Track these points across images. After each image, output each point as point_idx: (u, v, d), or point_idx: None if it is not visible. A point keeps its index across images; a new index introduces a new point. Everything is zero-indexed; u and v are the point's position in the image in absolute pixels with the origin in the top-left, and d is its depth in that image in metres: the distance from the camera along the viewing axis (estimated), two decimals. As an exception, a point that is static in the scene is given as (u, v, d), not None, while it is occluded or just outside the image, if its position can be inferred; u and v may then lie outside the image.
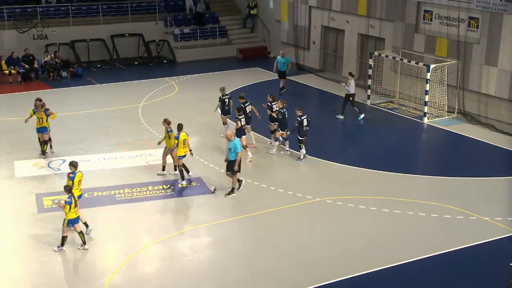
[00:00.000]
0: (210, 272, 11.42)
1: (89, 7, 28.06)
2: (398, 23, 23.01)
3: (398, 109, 21.79)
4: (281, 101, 17.36)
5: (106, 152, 16.89)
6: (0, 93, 22.68)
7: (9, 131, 18.54)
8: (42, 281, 11.01)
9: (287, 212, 13.80)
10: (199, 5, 29.99)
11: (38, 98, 16.58)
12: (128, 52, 27.92)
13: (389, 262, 11.74)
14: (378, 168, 16.25)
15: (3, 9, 25.88)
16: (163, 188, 14.91)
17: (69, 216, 11.70)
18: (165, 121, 15.32)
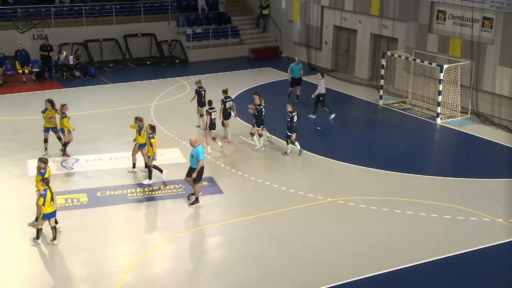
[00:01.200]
0: (221, 272, 11.41)
1: (102, 7, 28.22)
2: (411, 23, 22.86)
3: (411, 109, 21.65)
4: (259, 98, 17.42)
5: (118, 152, 16.95)
6: (14, 92, 22.85)
7: (23, 130, 18.69)
8: (54, 279, 11.07)
9: (298, 212, 13.76)
10: (221, 4, 30.08)
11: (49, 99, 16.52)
12: (140, 52, 28.04)
13: (401, 264, 11.66)
14: (390, 168, 16.15)
15: (17, 9, 26.10)
16: (174, 187, 14.93)
17: (45, 210, 11.79)
18: (136, 119, 15.33)
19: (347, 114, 22.04)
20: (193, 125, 19.24)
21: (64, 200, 14.03)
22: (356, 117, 21.99)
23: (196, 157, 13.63)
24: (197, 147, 13.69)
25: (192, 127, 19.14)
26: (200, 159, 13.56)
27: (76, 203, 13.97)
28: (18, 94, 22.77)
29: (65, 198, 14.11)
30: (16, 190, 14.60)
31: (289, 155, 16.87)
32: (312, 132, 19.43)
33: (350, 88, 24.43)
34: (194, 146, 13.72)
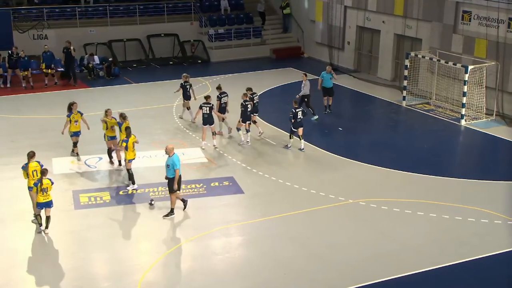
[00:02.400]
0: (242, 272, 11.44)
1: (126, 7, 28.52)
2: (436, 24, 22.62)
3: (435, 110, 21.43)
4: (244, 94, 17.65)
5: (140, 151, 17.07)
6: (39, 91, 23.21)
7: (48, 129, 18.98)
8: (78, 276, 11.23)
9: (319, 213, 13.72)
10: (260, 5, 30.07)
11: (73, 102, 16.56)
12: (163, 52, 28.26)
13: (423, 266, 11.55)
14: (413, 170, 16.01)
15: (42, 9, 26.53)
16: (195, 187, 15.02)
17: (37, 199, 12.39)
18: (121, 116, 15.53)
19: (370, 115, 21.91)
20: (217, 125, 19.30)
21: (88, 198, 14.23)
22: (378, 118, 21.84)
23: (172, 166, 13.00)
24: (172, 156, 13.05)
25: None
26: (177, 168, 13.00)
27: (99, 201, 14.15)
28: (44, 93, 23.12)
29: (88, 197, 14.31)
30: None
31: (289, 149, 17.25)
32: (334, 133, 19.36)
33: (373, 88, 24.27)
34: (170, 155, 13.07)
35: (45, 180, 12.43)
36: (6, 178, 15.19)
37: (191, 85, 19.59)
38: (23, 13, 25.71)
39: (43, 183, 12.39)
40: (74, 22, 26.96)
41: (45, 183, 12.41)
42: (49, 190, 12.51)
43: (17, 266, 11.55)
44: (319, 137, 18.69)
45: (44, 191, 12.42)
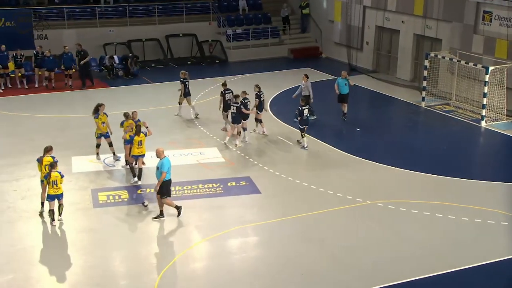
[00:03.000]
0: (259, 272, 11.47)
1: (146, 7, 28.75)
2: (456, 24, 22.41)
3: (454, 111, 21.23)
4: (243, 92, 17.78)
5: (158, 150, 17.22)
6: (60, 90, 23.47)
7: (68, 128, 19.22)
8: (96, 273, 11.36)
9: (336, 214, 13.69)
10: (284, 9, 29.82)
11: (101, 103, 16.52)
12: (181, 52, 28.44)
13: (441, 269, 11.46)
14: (432, 172, 15.88)
15: (63, 9, 26.87)
16: (212, 186, 15.09)
17: (48, 192, 12.81)
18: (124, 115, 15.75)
19: (388, 115, 21.79)
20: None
21: (106, 197, 14.39)
22: (397, 119, 21.71)
23: (160, 169, 12.90)
24: (162, 159, 12.91)
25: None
26: (163, 171, 12.78)
27: (118, 200, 14.30)
28: (65, 92, 23.39)
29: (107, 195, 14.47)
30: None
31: (306, 149, 17.33)
32: (352, 134, 19.29)
33: (392, 89, 24.13)
34: (160, 157, 12.95)
35: (54, 173, 12.71)
36: (26, 176, 15.42)
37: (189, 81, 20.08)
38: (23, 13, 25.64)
39: (51, 176, 12.70)
40: (94, 22, 27.25)
41: (54, 176, 12.69)
42: (59, 183, 12.79)
43: (36, 263, 11.72)
44: (337, 138, 18.64)
45: (53, 183, 12.72)
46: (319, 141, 18.09)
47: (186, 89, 19.81)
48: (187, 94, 19.85)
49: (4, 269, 11.35)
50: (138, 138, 14.88)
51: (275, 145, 17.94)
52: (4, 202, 14.04)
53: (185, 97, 19.89)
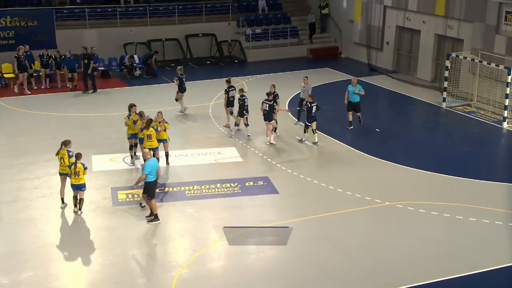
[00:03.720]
0: (275, 272, 11.45)
1: (166, 7, 28.91)
2: (478, 24, 22.12)
3: (476, 112, 20.95)
4: (240, 89, 18.28)
5: (177, 149, 17.32)
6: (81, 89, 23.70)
7: (89, 127, 19.41)
8: (114, 271, 11.45)
9: (354, 215, 13.60)
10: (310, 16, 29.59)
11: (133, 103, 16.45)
12: (201, 52, 28.53)
13: (460, 271, 11.32)
14: (453, 173, 15.70)
15: (84, 9, 27.16)
16: (230, 186, 15.11)
17: (70, 181, 13.35)
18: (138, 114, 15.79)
19: (408, 116, 21.59)
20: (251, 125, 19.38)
21: (125, 195, 14.50)
22: (417, 119, 21.51)
23: (142, 170, 13.08)
24: (147, 160, 12.95)
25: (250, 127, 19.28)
26: (143, 172, 12.85)
27: (137, 198, 14.38)
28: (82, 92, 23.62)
29: (126, 194, 14.58)
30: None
31: (303, 143, 17.53)
32: (371, 134, 19.15)
33: (412, 89, 23.91)
34: (145, 158, 13.04)
35: (79, 164, 13.20)
36: (47, 174, 15.62)
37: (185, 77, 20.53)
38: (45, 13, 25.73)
39: (77, 167, 13.15)
40: (115, 22, 27.49)
41: (78, 167, 13.20)
42: (81, 173, 13.23)
43: (56, 260, 11.86)
44: (356, 138, 18.52)
45: (76, 174, 13.18)
46: (338, 142, 17.99)
47: (183, 85, 20.24)
48: (183, 90, 20.32)
49: (24, 266, 11.51)
50: (147, 132, 15.15)
51: (293, 145, 17.89)
52: (25, 200, 14.23)
53: (181, 93, 20.37)
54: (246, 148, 17.64)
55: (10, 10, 25.58)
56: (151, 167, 12.93)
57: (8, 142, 17.92)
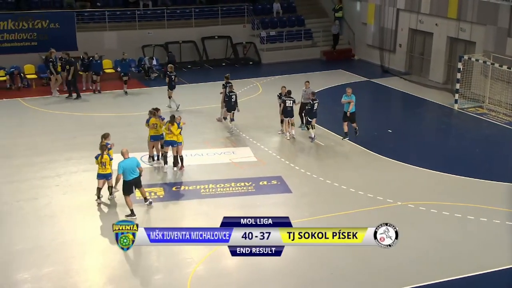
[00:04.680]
0: (287, 270, 11.42)
1: (183, 10, 29.00)
2: (490, 27, 21.87)
3: (488, 114, 20.72)
4: (230, 86, 18.74)
5: (193, 149, 17.37)
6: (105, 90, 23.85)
7: (108, 127, 19.48)
8: (131, 267, 11.52)
9: (366, 214, 13.52)
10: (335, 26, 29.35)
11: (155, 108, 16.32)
12: (216, 54, 28.57)
13: (472, 271, 11.20)
14: (464, 174, 15.54)
15: (104, 12, 27.35)
16: (244, 185, 15.11)
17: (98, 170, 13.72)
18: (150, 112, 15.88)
19: (420, 117, 21.42)
20: (265, 125, 19.39)
21: (142, 193, 14.57)
22: (429, 120, 21.33)
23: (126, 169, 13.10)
24: (125, 159, 13.13)
25: (264, 128, 19.30)
26: (119, 173, 13.08)
27: (154, 196, 14.46)
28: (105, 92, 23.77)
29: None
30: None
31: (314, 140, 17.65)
32: (384, 135, 19.03)
33: (424, 91, 23.71)
34: (124, 157, 13.20)
35: (105, 156, 13.58)
36: (68, 172, 15.76)
37: (176, 76, 21.12)
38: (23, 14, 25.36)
39: (103, 157, 13.56)
40: (134, 25, 27.65)
41: (104, 158, 13.61)
42: (108, 164, 13.58)
43: (76, 256, 11.96)
44: (368, 139, 18.41)
45: (103, 164, 13.60)
46: (350, 142, 17.90)
47: (172, 83, 20.80)
48: (173, 87, 20.92)
49: (45, 262, 11.62)
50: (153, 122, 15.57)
51: (306, 145, 17.84)
52: (46, 197, 14.38)
53: (171, 90, 20.92)
54: (260, 148, 17.63)
55: (32, 13, 25.85)
56: (122, 168, 13.10)
57: (30, 141, 18.11)
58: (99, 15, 27.37)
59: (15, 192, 14.57)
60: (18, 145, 17.71)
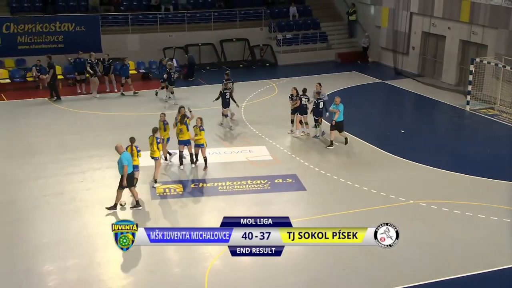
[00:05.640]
0: (301, 266, 11.40)
1: (203, 14, 29.10)
2: (502, 30, 21.56)
3: (499, 115, 20.44)
4: (225, 83, 19.17)
5: (210, 147, 17.40)
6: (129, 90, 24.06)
7: (130, 125, 19.67)
8: (152, 260, 11.59)
9: (379, 212, 13.42)
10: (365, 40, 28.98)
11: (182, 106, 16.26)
12: (234, 56, 28.60)
13: (481, 268, 11.06)
14: (475, 174, 15.35)
15: (128, 15, 27.56)
16: (260, 182, 15.11)
17: None
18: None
19: (433, 118, 21.21)
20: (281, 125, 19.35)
21: (163, 190, 14.67)
22: (441, 121, 21.09)
23: (120, 163, 13.12)
24: (121, 154, 13.10)
25: (279, 127, 19.27)
26: (124, 165, 13.02)
27: (173, 192, 14.55)
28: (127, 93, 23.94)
29: (164, 188, 14.75)
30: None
31: (319, 138, 17.81)
32: (396, 135, 18.89)
33: (437, 93, 23.47)
34: (119, 153, 13.16)
35: (134, 148, 13.89)
36: (91, 169, 15.92)
37: (175, 72, 21.99)
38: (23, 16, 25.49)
39: (133, 149, 13.89)
40: (155, 28, 27.81)
41: (133, 149, 13.90)
42: (135, 156, 13.81)
43: (99, 249, 12.07)
44: (381, 139, 18.29)
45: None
46: (363, 142, 17.79)
47: (171, 79, 21.50)
48: (173, 83, 21.63)
49: (70, 254, 11.76)
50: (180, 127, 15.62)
51: (321, 144, 17.78)
52: (71, 193, 14.54)
53: (171, 85, 21.60)
54: (275, 147, 17.61)
55: (59, 16, 26.16)
56: (127, 158, 13.19)
57: (57, 139, 18.34)
58: (122, 18, 27.59)
59: (43, 188, 14.76)
60: (45, 143, 17.95)
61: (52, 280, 10.93)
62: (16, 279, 10.94)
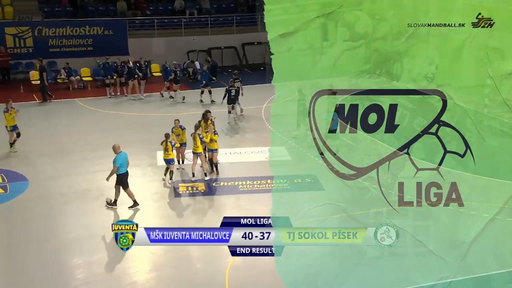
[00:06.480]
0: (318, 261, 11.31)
1: (225, 18, 29.20)
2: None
3: None
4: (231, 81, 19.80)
5: (232, 147, 17.47)
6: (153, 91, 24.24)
7: (153, 125, 19.84)
8: (175, 256, 11.64)
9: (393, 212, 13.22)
10: None
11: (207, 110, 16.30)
12: (255, 59, 28.62)
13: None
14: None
15: (153, 20, 27.80)
16: (280, 182, 15.06)
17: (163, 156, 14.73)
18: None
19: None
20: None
21: (185, 188, 14.75)
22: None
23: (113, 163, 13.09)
24: (117, 154, 13.07)
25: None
26: (114, 165, 12.92)
27: (195, 191, 14.62)
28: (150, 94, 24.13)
29: (186, 186, 14.83)
30: (148, 176, 15.62)
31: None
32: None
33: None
34: (116, 152, 13.13)
35: (168, 143, 14.48)
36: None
37: (179, 71, 22.85)
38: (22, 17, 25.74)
39: (167, 144, 14.45)
40: (180, 31, 28.02)
41: (168, 144, 14.47)
42: (170, 150, 14.48)
43: (123, 244, 12.18)
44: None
45: (165, 150, 14.48)
46: (381, 144, 17.60)
47: (177, 78, 22.33)
48: (177, 82, 22.43)
49: (95, 249, 11.90)
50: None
51: (339, 146, 17.64)
52: (97, 190, 14.71)
53: (176, 84, 22.34)
54: (295, 147, 17.52)
55: (89, 20, 26.53)
56: (122, 159, 13.09)
57: (85, 138, 18.59)
58: (148, 22, 27.86)
59: (71, 184, 14.98)
60: (75, 142, 18.22)
61: (80, 273, 11.08)
62: (49, 273, 11.09)
